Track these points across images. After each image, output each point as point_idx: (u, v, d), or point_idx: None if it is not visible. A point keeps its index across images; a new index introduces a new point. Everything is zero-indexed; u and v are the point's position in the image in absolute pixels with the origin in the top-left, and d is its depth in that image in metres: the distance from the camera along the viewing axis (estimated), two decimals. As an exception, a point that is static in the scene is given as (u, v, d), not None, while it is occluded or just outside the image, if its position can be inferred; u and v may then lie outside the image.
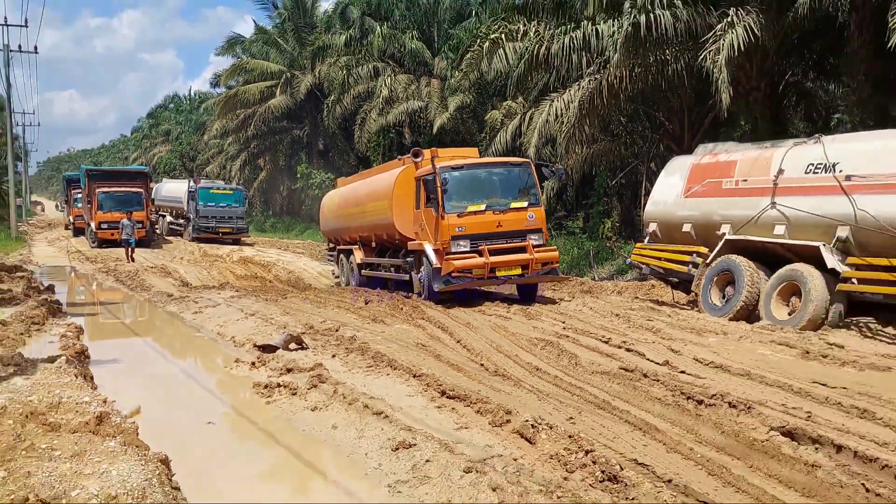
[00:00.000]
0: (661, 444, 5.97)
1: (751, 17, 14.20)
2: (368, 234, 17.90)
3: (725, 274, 12.54)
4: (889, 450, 5.57)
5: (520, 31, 20.83)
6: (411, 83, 34.51)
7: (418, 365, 8.67)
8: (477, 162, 15.48)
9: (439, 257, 14.01)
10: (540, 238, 14.37)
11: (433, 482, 5.21)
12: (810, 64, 19.63)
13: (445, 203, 14.05)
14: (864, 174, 10.73)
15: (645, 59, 16.95)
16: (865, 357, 9.22)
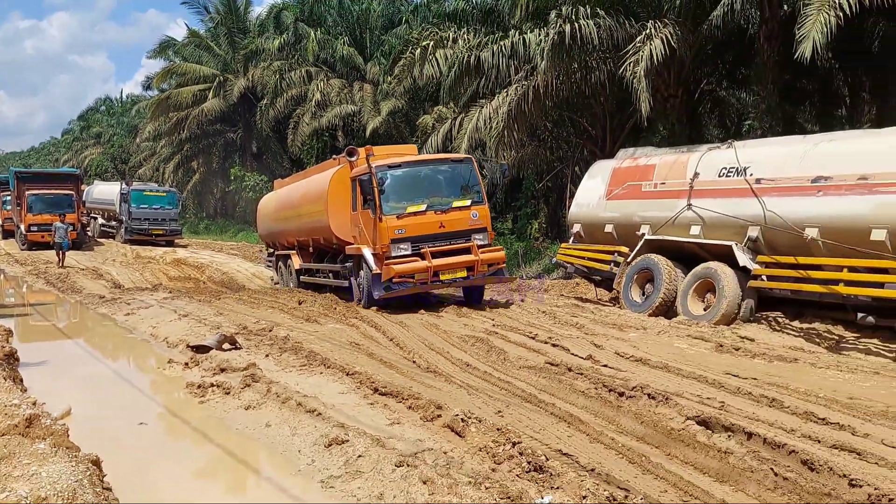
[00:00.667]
0: (585, 434, 6.24)
1: (668, 30, 14.78)
2: (305, 238, 17.16)
3: (645, 272, 13.05)
4: (796, 436, 5.93)
5: (450, 39, 21.13)
6: (344, 88, 34.63)
7: (351, 363, 8.81)
8: (415, 159, 14.76)
9: (379, 262, 13.30)
10: (485, 238, 13.77)
11: (365, 477, 5.34)
12: (723, 73, 20.50)
13: (383, 204, 13.26)
14: (772, 177, 11.33)
15: (570, 66, 17.40)
16: (774, 349, 9.78)
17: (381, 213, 13.24)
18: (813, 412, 6.56)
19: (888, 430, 6.16)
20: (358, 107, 33.41)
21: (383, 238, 13.21)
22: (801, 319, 11.27)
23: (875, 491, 4.67)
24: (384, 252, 13.19)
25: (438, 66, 21.07)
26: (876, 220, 9.76)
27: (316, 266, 17.05)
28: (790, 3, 14.90)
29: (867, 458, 5.40)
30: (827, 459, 5.26)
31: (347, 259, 14.84)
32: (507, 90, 18.97)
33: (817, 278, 10.55)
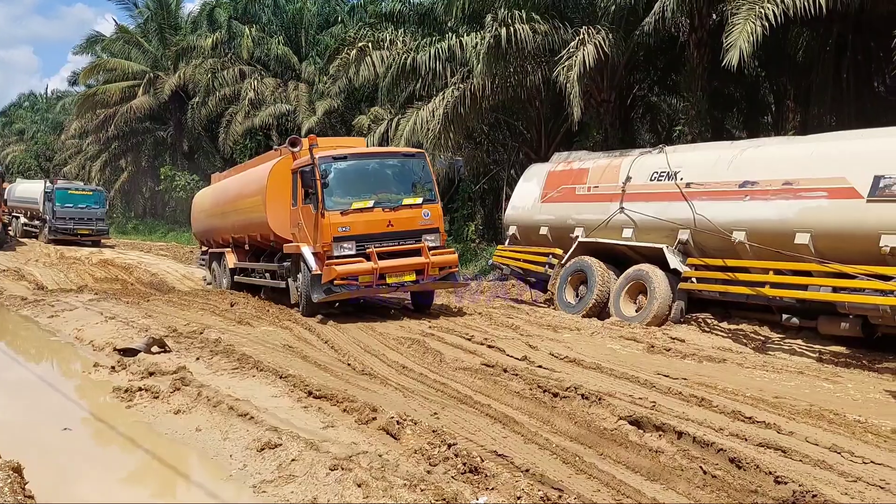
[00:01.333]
0: (520, 435, 6.26)
1: (601, 35, 15.04)
2: (241, 235, 16.06)
3: (579, 274, 13.22)
4: (724, 435, 6.06)
5: (387, 40, 21.10)
6: (279, 87, 34.26)
7: (285, 366, 8.67)
8: (364, 152, 13.82)
9: (319, 262, 12.22)
10: (437, 239, 12.70)
11: (299, 481, 5.27)
12: (655, 79, 20.98)
13: (327, 199, 12.17)
14: (701, 182, 11.61)
15: (506, 70, 17.55)
16: (703, 350, 10.02)
17: (323, 209, 12.15)
18: (740, 411, 6.73)
19: (811, 427, 6.37)
20: (293, 106, 33.07)
21: (325, 236, 12.14)
22: (729, 321, 11.57)
23: (799, 487, 4.80)
24: (326, 251, 12.13)
25: (375, 68, 21.02)
26: (800, 224, 10.09)
27: (251, 265, 16.04)
28: (719, 12, 15.29)
29: (792, 456, 5.56)
30: (754, 457, 5.39)
31: (285, 258, 13.80)
32: (444, 93, 19.03)
33: (744, 280, 10.86)
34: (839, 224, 9.68)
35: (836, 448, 5.75)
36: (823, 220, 9.83)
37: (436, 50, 18.52)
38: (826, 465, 5.39)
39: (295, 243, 13.07)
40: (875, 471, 5.33)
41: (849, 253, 9.52)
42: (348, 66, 21.60)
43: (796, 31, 18.20)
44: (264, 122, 33.37)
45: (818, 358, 9.91)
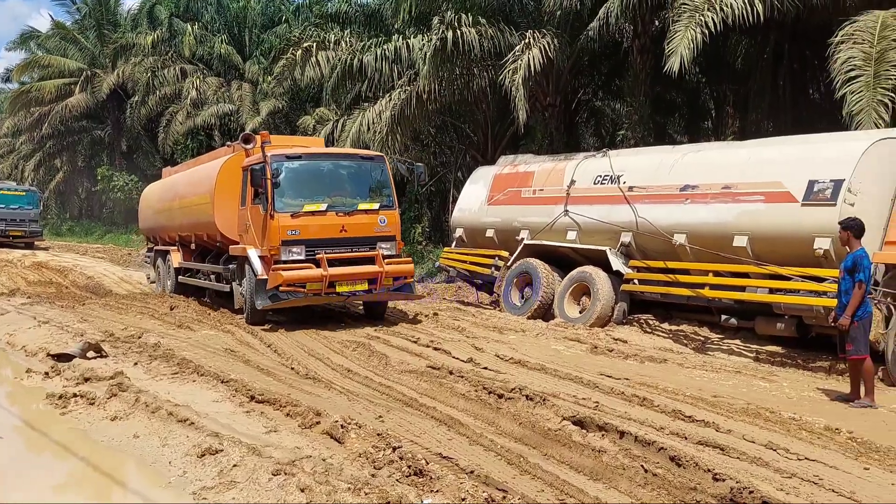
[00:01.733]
0: (465, 437, 6.29)
1: (546, 40, 15.18)
2: (188, 233, 15.26)
3: (524, 276, 13.32)
4: (664, 434, 6.18)
5: (332, 41, 20.97)
6: (222, 86, 33.74)
7: (226, 370, 8.54)
8: (319, 152, 13.01)
9: (266, 266, 11.55)
10: (392, 247, 12.11)
11: (240, 486, 5.19)
12: (599, 84, 21.28)
13: (277, 200, 11.50)
14: (643, 185, 11.81)
15: (452, 73, 17.59)
16: (645, 350, 10.19)
17: (272, 210, 11.45)
18: (681, 410, 6.86)
19: (748, 425, 6.52)
20: (236, 106, 32.63)
21: (273, 239, 11.47)
22: (670, 321, 11.78)
23: (737, 484, 4.91)
24: (273, 255, 11.45)
25: (321, 68, 20.86)
26: (738, 227, 10.32)
27: (196, 266, 15.25)
28: (661, 19, 15.59)
29: (729, 453, 5.69)
30: (693, 455, 5.50)
31: (231, 260, 13.09)
32: (391, 94, 19.00)
33: (685, 282, 11.06)
34: (775, 227, 9.93)
35: (771, 445, 5.90)
36: (760, 223, 10.08)
37: (382, 51, 18.50)
38: (762, 461, 5.52)
39: (241, 245, 12.45)
40: (809, 467, 5.48)
41: (785, 255, 9.78)
42: (294, 66, 21.39)
43: (735, 39, 18.66)
44: (206, 121, 32.87)
45: (755, 357, 10.15)
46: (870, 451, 5.83)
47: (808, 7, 13.49)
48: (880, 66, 10.96)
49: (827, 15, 13.57)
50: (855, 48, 11.26)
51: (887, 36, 11.10)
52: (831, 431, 6.32)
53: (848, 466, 5.55)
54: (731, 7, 12.36)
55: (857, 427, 6.47)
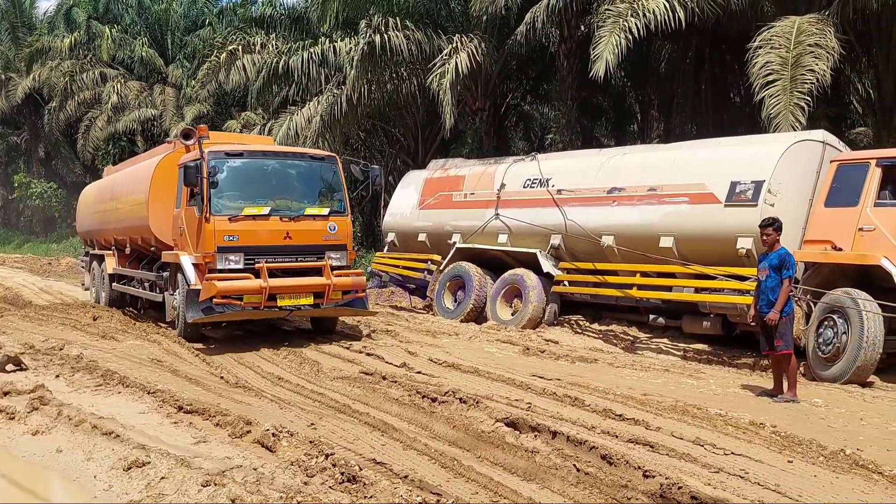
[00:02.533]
0: (399, 442, 6.24)
1: (474, 44, 15.30)
2: (123, 237, 14.09)
3: (457, 280, 13.36)
4: (596, 433, 6.25)
5: (258, 44, 20.69)
6: (144, 90, 32.91)
7: (153, 381, 8.31)
8: (263, 149, 11.79)
9: (199, 274, 10.47)
10: (343, 258, 11.08)
11: (169, 499, 5.04)
12: (528, 89, 21.55)
13: (214, 201, 10.43)
14: (572, 188, 11.97)
15: (381, 77, 17.57)
16: (576, 350, 10.32)
17: (208, 213, 10.38)
18: (611, 409, 6.95)
19: (677, 423, 6.65)
20: (159, 111, 31.93)
21: (208, 244, 10.42)
22: (600, 322, 11.97)
23: (666, 480, 4.99)
24: (208, 263, 10.42)
25: (246, 71, 20.57)
26: (664, 228, 10.56)
27: (131, 272, 14.01)
28: (587, 24, 15.85)
29: (659, 450, 5.78)
30: (624, 453, 5.57)
31: (165, 267, 11.88)
32: (319, 98, 18.84)
33: (613, 283, 11.27)
34: (700, 228, 10.20)
35: (699, 441, 6.02)
36: (685, 224, 10.33)
37: (309, 54, 18.35)
38: (691, 457, 5.64)
39: (175, 251, 11.40)
40: (736, 461, 5.62)
41: (709, 255, 10.04)
42: (218, 69, 21.04)
43: (659, 44, 19.13)
44: (128, 127, 32.05)
45: (683, 356, 10.39)
46: (793, 445, 6.00)
47: (728, 13, 13.93)
48: (797, 70, 11.36)
49: (746, 21, 14.03)
50: (772, 53, 11.65)
51: (803, 41, 11.52)
52: (756, 426, 6.48)
53: (772, 460, 5.69)
54: (654, 13, 12.66)
55: (780, 421, 6.67)
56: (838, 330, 8.65)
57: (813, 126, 11.32)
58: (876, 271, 8.68)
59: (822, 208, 9.41)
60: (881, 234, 8.70)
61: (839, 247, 9.04)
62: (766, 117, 11.44)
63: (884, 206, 8.88)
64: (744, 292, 9.52)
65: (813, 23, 11.78)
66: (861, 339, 8.33)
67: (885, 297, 8.44)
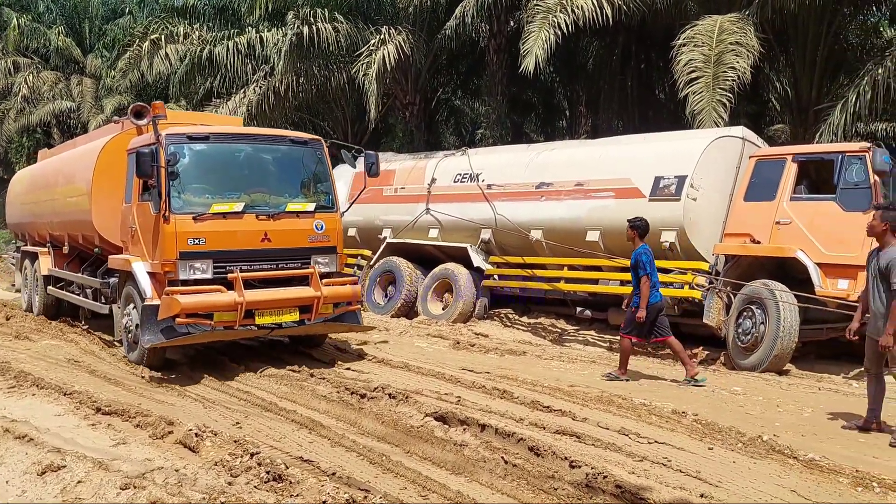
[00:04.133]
0: (327, 439, 6.19)
1: (402, 36, 15.23)
2: (60, 233, 12.08)
3: (388, 274, 13.29)
4: (523, 425, 6.30)
5: (181, 34, 20.17)
6: (59, 81, 31.70)
7: (70, 382, 8.02)
8: (233, 131, 9.99)
9: (158, 286, 8.53)
10: (332, 262, 9.24)
11: (86, 503, 4.91)
12: (458, 83, 21.59)
13: (174, 196, 8.43)
14: (501, 183, 12.04)
15: (310, 69, 17.36)
16: (506, 344, 10.40)
17: (168, 210, 8.37)
18: (539, 401, 7.02)
19: (603, 413, 6.76)
20: (76, 102, 30.79)
21: (168, 249, 8.39)
22: (529, 315, 12.09)
23: (592, 470, 5.06)
24: (168, 272, 8.42)
25: (169, 61, 20.05)
26: (590, 222, 10.71)
27: (69, 276, 11.89)
28: (516, 19, 15.95)
29: (585, 441, 5.87)
30: (551, 444, 5.63)
31: (111, 274, 9.98)
32: (246, 90, 18.51)
33: (542, 276, 11.38)
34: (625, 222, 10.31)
35: (624, 431, 6.14)
36: (611, 218, 10.47)
37: (234, 44, 18.00)
38: (615, 447, 5.73)
39: (125, 256, 9.37)
40: (659, 449, 5.74)
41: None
42: (140, 59, 20.43)
43: (587, 41, 19.37)
44: (43, 119, 30.81)
45: (609, 347, 10.56)
46: (713, 432, 6.16)
47: (653, 11, 14.21)
48: (719, 67, 11.66)
49: (670, 19, 14.33)
50: (696, 51, 11.92)
51: (724, 39, 11.82)
52: (678, 415, 6.63)
53: (694, 447, 5.84)
54: (582, 9, 12.82)
55: (701, 410, 6.84)
56: (757, 320, 8.92)
57: (734, 123, 11.64)
58: (792, 263, 9.00)
59: (742, 202, 9.68)
60: (797, 228, 9.00)
61: (757, 240, 9.32)
62: (690, 113, 11.71)
63: (799, 200, 9.19)
64: (668, 284, 9.72)
65: (734, 22, 12.10)
66: (778, 328, 8.61)
67: (801, 288, 8.76)
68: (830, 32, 13.92)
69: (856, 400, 7.47)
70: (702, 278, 9.67)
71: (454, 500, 4.88)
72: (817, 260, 8.77)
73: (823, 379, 8.55)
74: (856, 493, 4.99)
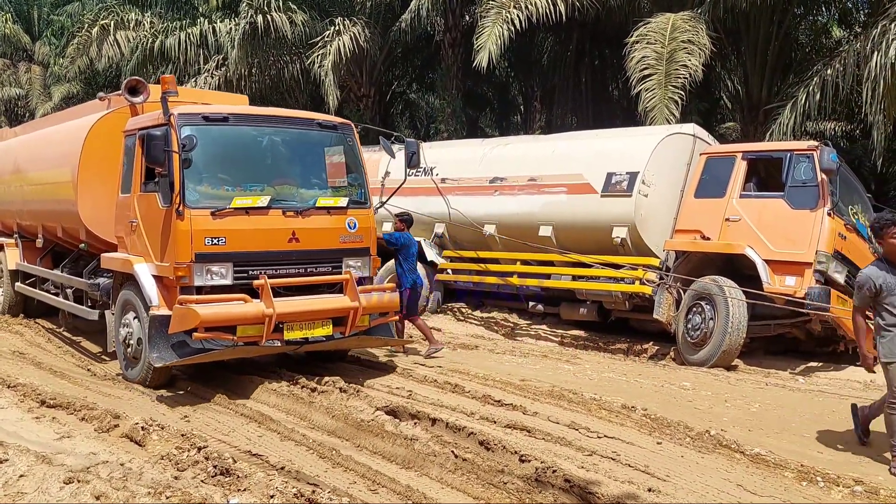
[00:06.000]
0: (276, 433, 6.14)
1: (357, 28, 15.16)
2: (33, 223, 10.77)
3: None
4: (474, 419, 6.31)
5: (132, 21, 19.78)
6: (7, 68, 30.95)
7: (14, 374, 7.84)
8: (255, 113, 8.32)
9: (168, 294, 7.33)
10: (366, 266, 8.08)
11: (28, 498, 4.78)
12: (414, 77, 21.58)
13: (189, 187, 7.17)
14: (455, 178, 12.03)
15: (265, 60, 17.18)
16: (458, 338, 10.41)
17: (182, 204, 7.12)
18: (490, 395, 7.03)
19: (553, 407, 6.79)
20: (25, 90, 30.13)
21: (181, 250, 7.14)
22: (482, 309, 12.12)
23: (541, 464, 5.09)
24: (181, 276, 7.14)
25: (120, 49, 19.66)
26: (543, 217, 10.77)
27: (45, 273, 10.52)
28: (471, 14, 15.96)
29: (535, 435, 5.89)
30: (501, 438, 5.65)
31: (102, 273, 8.76)
32: (197, 80, 18.22)
33: (495, 271, 11.41)
34: (577, 217, 10.45)
35: (574, 425, 6.17)
36: (564, 213, 10.57)
37: (187, 34, 17.71)
38: (565, 441, 5.76)
39: (123, 255, 8.14)
40: (608, 444, 5.78)
41: (587, 244, 10.31)
42: (89, 45, 19.97)
43: (541, 37, 19.49)
44: (-10, 106, 30.14)
45: (560, 342, 10.66)
46: (662, 427, 6.23)
47: (607, 8, 14.34)
48: (671, 65, 11.82)
49: (624, 16, 14.49)
50: (648, 48, 12.07)
51: (677, 37, 11.98)
52: (628, 409, 6.69)
53: (643, 442, 5.89)
54: (536, 5, 12.90)
55: (650, 404, 6.91)
56: (706, 316, 9.06)
57: (685, 120, 11.82)
58: (741, 259, 9.14)
59: (692, 199, 9.82)
60: (746, 224, 9.16)
61: (707, 236, 9.46)
62: (643, 110, 11.85)
63: (748, 197, 9.35)
64: (619, 280, 9.83)
65: (686, 20, 12.27)
66: (727, 324, 8.75)
67: (749, 284, 8.92)
68: (781, 32, 14.20)
69: (802, 395, 7.65)
70: (652, 274, 9.78)
71: (404, 494, 4.88)
72: (766, 257, 8.92)
73: (771, 374, 8.70)
74: (801, 487, 5.08)
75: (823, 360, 9.35)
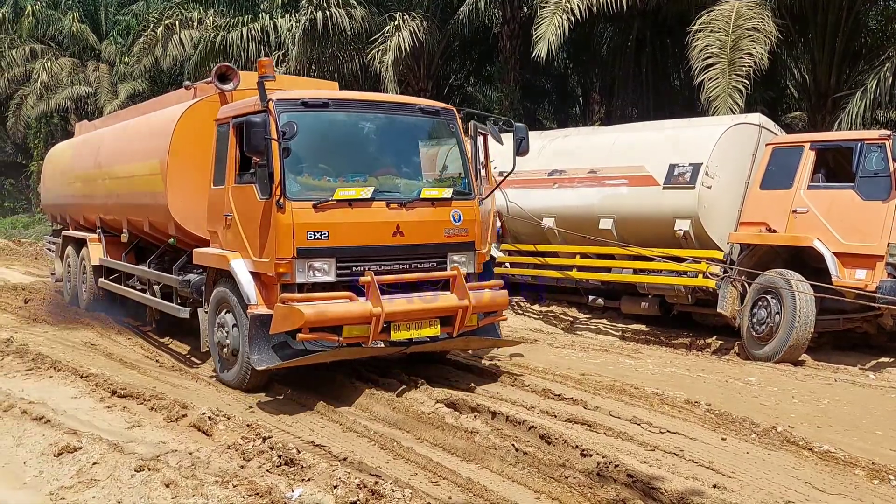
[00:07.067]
0: (338, 424, 6.22)
1: (416, 23, 15.20)
2: (118, 217, 10.33)
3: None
4: (534, 413, 6.30)
5: (195, 19, 20.21)
6: (76, 68, 31.89)
7: (86, 365, 8.08)
8: (355, 98, 8.05)
9: (266, 291, 7.05)
10: (471, 262, 7.61)
11: (101, 485, 4.93)
12: (471, 70, 21.53)
13: (289, 178, 6.81)
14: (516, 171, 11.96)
15: (323, 55, 17.37)
16: (517, 332, 10.36)
17: (282, 196, 6.73)
18: (550, 389, 7.01)
19: (614, 402, 6.74)
20: (93, 88, 30.97)
21: (283, 245, 6.76)
22: (540, 303, 12.05)
23: (603, 459, 5.05)
24: (281, 273, 6.80)
25: (183, 47, 20.11)
26: (603, 210, 10.65)
27: (130, 268, 10.12)
28: (529, 5, 15.86)
29: (596, 430, 5.86)
30: (562, 432, 5.62)
31: (193, 269, 8.45)
32: (258, 76, 18.54)
33: (554, 264, 11.34)
34: (638, 210, 10.30)
35: (636, 420, 6.11)
36: (625, 206, 10.43)
37: (248, 30, 18.01)
38: (627, 436, 5.72)
39: (217, 250, 7.81)
40: (671, 439, 5.72)
41: (648, 237, 10.16)
42: (154, 44, 20.52)
43: (601, 27, 19.24)
44: (61, 104, 31.03)
45: (621, 336, 10.55)
46: (726, 423, 6.12)
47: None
48: (735, 53, 11.55)
49: (686, 4, 14.19)
50: (712, 36, 11.82)
51: (741, 25, 11.71)
52: (691, 405, 6.60)
53: (707, 438, 5.81)
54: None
55: (714, 400, 6.80)
56: (772, 310, 8.85)
57: (750, 109, 11.54)
58: (809, 252, 8.91)
59: (758, 190, 9.59)
60: (814, 216, 8.91)
61: (773, 228, 9.24)
62: (706, 100, 11.63)
63: (817, 188, 9.09)
64: (681, 273, 9.67)
65: (751, 7, 11.98)
66: (793, 318, 8.54)
67: (817, 277, 8.68)
68: (851, 17, 13.74)
69: (872, 392, 7.43)
70: (716, 267, 9.59)
71: (465, 486, 4.89)
72: (835, 249, 8.66)
73: (840, 370, 8.47)
74: (872, 485, 4.95)
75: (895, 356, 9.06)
